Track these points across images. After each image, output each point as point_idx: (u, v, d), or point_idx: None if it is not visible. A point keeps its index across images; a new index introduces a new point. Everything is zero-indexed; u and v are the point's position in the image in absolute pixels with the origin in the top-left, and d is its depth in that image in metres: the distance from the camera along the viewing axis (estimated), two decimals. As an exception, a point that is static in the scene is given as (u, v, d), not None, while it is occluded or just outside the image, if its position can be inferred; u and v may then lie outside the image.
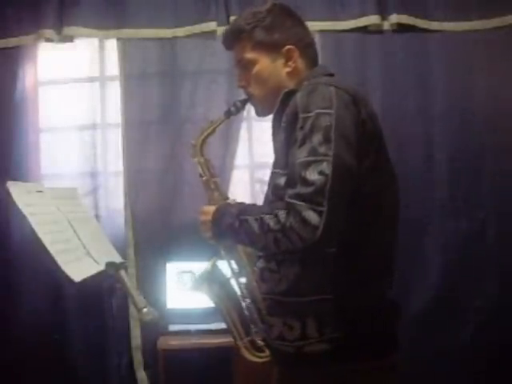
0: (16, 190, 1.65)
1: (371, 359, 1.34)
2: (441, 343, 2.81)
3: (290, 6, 1.55)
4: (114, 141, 2.96)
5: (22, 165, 2.89)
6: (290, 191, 1.26)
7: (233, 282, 1.57)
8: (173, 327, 2.70)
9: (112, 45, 2.95)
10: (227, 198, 1.60)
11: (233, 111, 1.59)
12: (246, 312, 1.53)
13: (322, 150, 1.24)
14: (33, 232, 1.62)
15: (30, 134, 2.93)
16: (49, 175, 2.97)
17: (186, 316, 2.71)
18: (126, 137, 2.91)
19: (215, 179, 1.63)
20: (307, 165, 1.25)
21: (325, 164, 1.23)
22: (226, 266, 1.57)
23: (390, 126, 2.89)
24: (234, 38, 1.53)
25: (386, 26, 2.92)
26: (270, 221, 1.27)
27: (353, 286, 1.33)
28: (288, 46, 1.47)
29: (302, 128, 1.29)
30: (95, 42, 2.98)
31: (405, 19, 2.91)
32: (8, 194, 1.62)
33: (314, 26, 2.91)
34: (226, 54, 1.74)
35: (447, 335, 2.84)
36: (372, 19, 2.89)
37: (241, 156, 2.99)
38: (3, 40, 2.87)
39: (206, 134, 1.63)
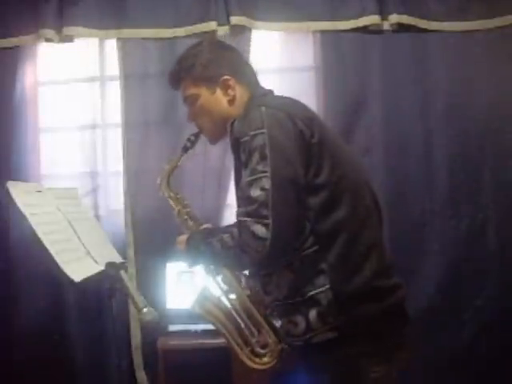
0: (16, 190, 1.65)
1: (379, 339, 1.41)
2: (441, 343, 2.81)
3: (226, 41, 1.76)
4: (114, 141, 2.95)
5: (22, 165, 2.89)
6: (240, 210, 1.41)
7: (224, 299, 1.64)
8: (173, 327, 2.70)
9: (112, 45, 2.94)
10: (201, 224, 1.71)
11: (188, 146, 1.73)
12: (242, 324, 1.60)
13: (260, 167, 1.38)
14: (33, 232, 1.62)
15: (29, 134, 2.93)
16: (49, 175, 2.97)
17: (186, 316, 2.70)
18: (126, 137, 2.90)
19: (187, 209, 1.75)
20: (250, 184, 1.39)
21: (264, 180, 1.37)
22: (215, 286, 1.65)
23: (390, 126, 2.92)
24: (177, 79, 1.67)
25: (386, 26, 2.91)
26: (228, 239, 1.42)
27: (342, 274, 1.41)
28: (224, 77, 1.59)
29: (244, 151, 1.42)
30: (95, 41, 2.97)
31: (405, 19, 2.90)
32: (8, 193, 1.63)
33: (313, 25, 2.93)
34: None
35: (447, 335, 2.84)
36: (372, 19, 2.88)
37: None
38: (3, 40, 2.87)
39: (168, 171, 1.80)
